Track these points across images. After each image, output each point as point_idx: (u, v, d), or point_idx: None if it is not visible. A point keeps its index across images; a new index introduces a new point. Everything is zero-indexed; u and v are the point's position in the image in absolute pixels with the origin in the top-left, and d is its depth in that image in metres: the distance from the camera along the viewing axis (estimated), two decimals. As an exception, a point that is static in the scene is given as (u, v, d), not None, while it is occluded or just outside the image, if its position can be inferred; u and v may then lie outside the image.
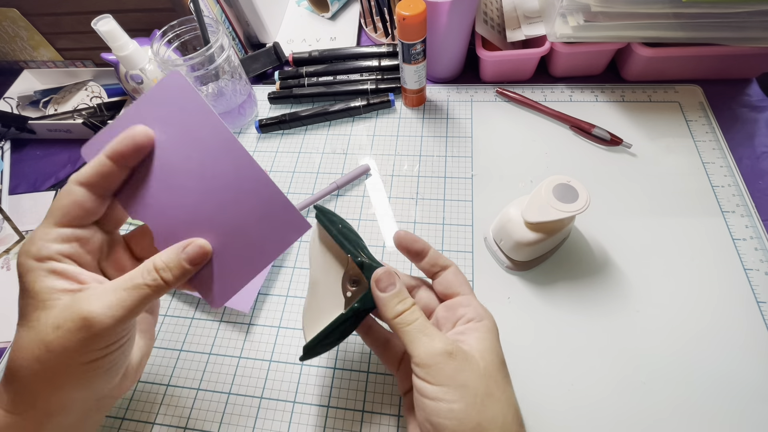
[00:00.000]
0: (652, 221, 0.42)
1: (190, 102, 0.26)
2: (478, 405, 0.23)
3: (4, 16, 0.59)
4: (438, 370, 0.24)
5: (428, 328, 0.25)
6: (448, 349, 0.24)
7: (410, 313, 0.26)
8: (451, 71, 0.56)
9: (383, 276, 0.27)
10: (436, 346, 0.24)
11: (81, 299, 0.23)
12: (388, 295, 0.27)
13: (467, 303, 0.28)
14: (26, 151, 0.61)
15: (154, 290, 0.24)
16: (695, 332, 0.36)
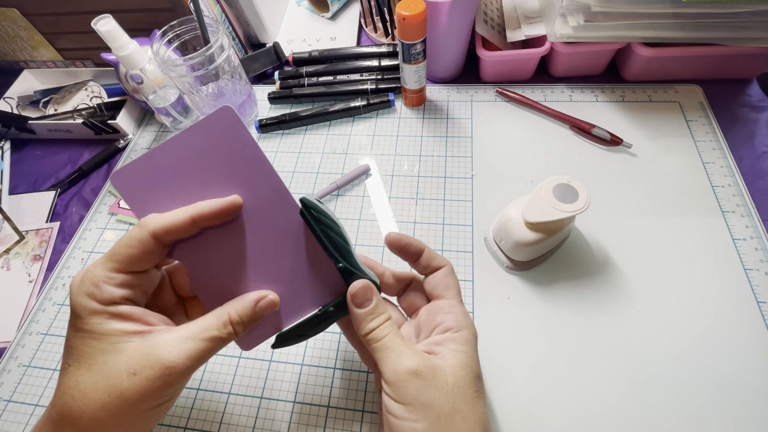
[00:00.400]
0: (653, 221, 0.42)
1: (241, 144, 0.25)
2: (441, 424, 0.23)
3: (4, 16, 0.59)
4: (403, 388, 0.23)
5: (397, 345, 0.25)
6: (413, 368, 0.24)
7: (381, 330, 0.26)
8: (451, 71, 0.56)
9: (359, 291, 0.27)
10: (403, 363, 0.24)
11: (157, 346, 0.23)
12: (361, 311, 0.26)
13: (449, 309, 0.28)
14: (26, 151, 0.61)
15: (226, 342, 0.25)
16: (695, 332, 0.36)
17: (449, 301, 0.28)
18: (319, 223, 0.27)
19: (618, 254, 0.40)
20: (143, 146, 0.58)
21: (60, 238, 0.51)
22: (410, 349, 0.25)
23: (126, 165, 0.25)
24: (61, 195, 0.55)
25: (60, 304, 0.45)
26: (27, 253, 0.51)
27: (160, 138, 0.58)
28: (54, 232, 0.52)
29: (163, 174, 0.25)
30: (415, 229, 0.45)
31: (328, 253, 0.27)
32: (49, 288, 0.47)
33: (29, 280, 0.48)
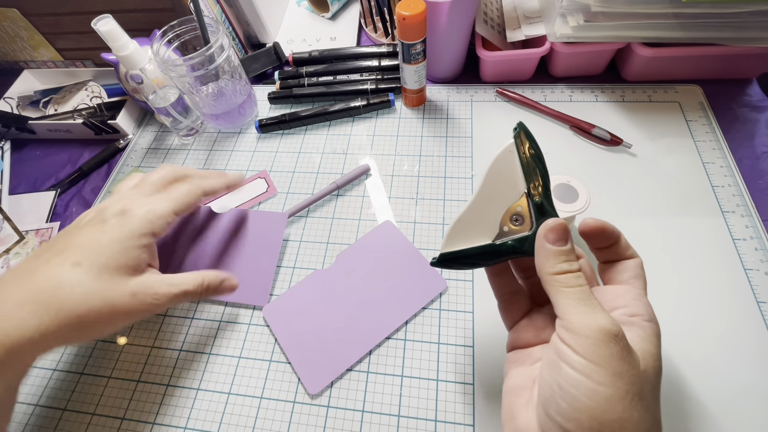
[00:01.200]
0: (652, 221, 0.42)
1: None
2: (627, 401, 0.20)
3: (4, 16, 0.59)
4: (595, 346, 0.21)
5: (592, 300, 0.22)
6: (613, 330, 0.21)
7: (575, 277, 0.23)
8: (451, 71, 0.56)
9: (558, 227, 0.24)
10: (598, 320, 0.21)
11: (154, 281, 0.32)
12: (556, 248, 0.24)
13: (638, 297, 0.25)
14: (26, 151, 0.61)
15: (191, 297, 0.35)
16: (695, 332, 0.36)
17: (637, 291, 0.25)
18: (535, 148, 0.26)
19: (618, 254, 0.40)
20: (143, 146, 0.58)
21: (60, 238, 0.51)
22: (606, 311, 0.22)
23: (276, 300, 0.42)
24: (61, 195, 0.55)
25: (60, 304, 0.45)
26: (27, 253, 0.51)
27: (160, 138, 0.58)
28: (54, 232, 0.52)
29: None
30: (415, 229, 0.45)
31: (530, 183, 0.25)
32: (49, 288, 0.47)
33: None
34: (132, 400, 0.38)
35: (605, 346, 0.20)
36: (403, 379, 0.37)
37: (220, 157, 0.54)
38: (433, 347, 0.38)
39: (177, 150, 0.56)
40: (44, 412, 0.39)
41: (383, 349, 0.38)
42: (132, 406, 0.38)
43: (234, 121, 0.55)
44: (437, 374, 0.37)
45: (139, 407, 0.38)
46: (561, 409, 0.21)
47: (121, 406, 0.38)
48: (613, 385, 0.20)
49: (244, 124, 0.57)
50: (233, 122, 0.55)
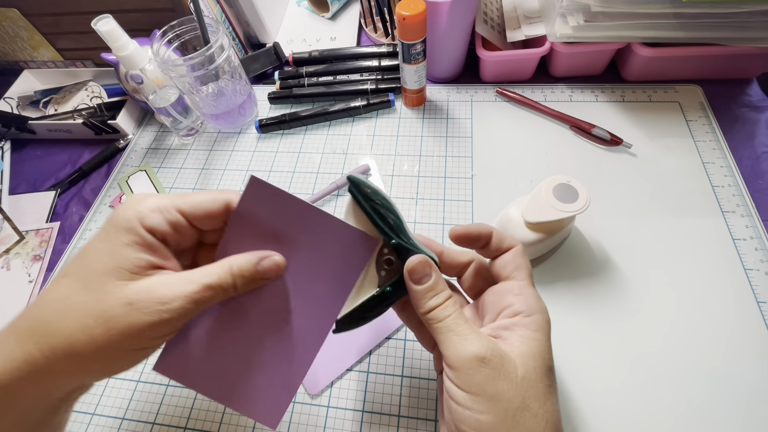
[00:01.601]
0: (653, 221, 0.42)
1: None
2: (509, 420, 0.21)
3: (4, 16, 0.59)
4: (468, 376, 0.22)
5: (460, 326, 0.23)
6: (480, 354, 0.22)
7: (442, 309, 0.24)
8: (451, 71, 0.56)
9: (417, 266, 0.25)
10: (467, 348, 0.22)
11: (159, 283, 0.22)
12: (420, 288, 0.25)
13: (519, 291, 0.25)
14: (26, 151, 0.61)
15: (224, 293, 0.24)
16: (695, 332, 0.36)
17: (519, 283, 0.26)
18: (369, 200, 0.26)
19: (618, 254, 0.40)
20: (143, 146, 0.58)
21: (60, 238, 0.51)
22: (475, 333, 0.23)
23: None
24: (61, 195, 0.55)
25: (60, 304, 0.45)
26: (27, 253, 0.51)
27: (160, 138, 0.58)
28: (54, 232, 0.52)
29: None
30: (415, 229, 0.45)
31: (380, 230, 0.26)
32: (49, 288, 0.47)
33: (29, 280, 0.48)
34: (132, 400, 0.38)
35: (476, 372, 0.21)
36: (403, 379, 0.37)
37: (220, 157, 0.54)
38: (433, 347, 0.38)
39: (177, 150, 0.56)
40: (44, 412, 0.39)
41: (383, 349, 0.38)
42: (132, 406, 0.38)
43: (234, 121, 0.55)
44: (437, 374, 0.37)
45: (139, 407, 0.38)
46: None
47: (122, 406, 0.38)
48: (491, 411, 0.21)
49: (244, 124, 0.57)
50: (233, 122, 0.55)
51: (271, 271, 0.25)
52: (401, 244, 0.26)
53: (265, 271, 0.25)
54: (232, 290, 0.24)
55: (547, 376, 0.23)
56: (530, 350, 0.23)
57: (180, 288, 0.23)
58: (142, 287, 0.22)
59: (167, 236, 0.24)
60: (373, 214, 0.26)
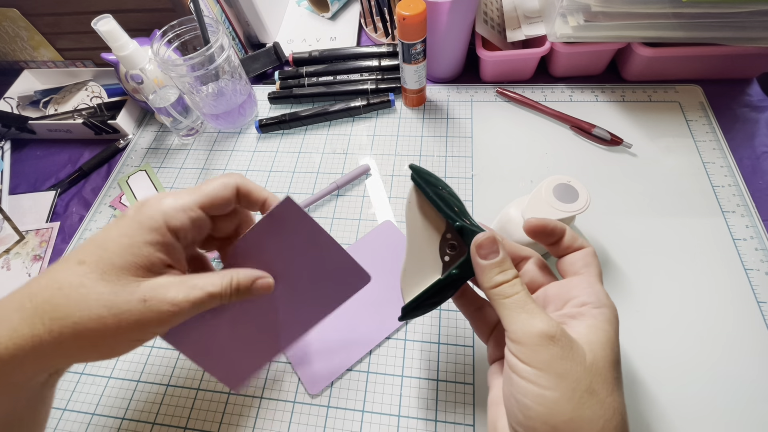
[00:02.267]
0: (653, 221, 0.42)
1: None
2: (575, 400, 0.20)
3: (4, 16, 0.59)
4: (534, 352, 0.21)
5: (529, 305, 0.23)
6: (550, 332, 0.21)
7: (510, 286, 0.23)
8: (451, 71, 0.56)
9: (485, 242, 0.25)
10: (535, 325, 0.22)
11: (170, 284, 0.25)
12: (488, 263, 0.24)
13: (586, 284, 0.25)
14: (26, 151, 0.61)
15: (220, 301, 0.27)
16: (695, 332, 0.36)
17: (588, 278, 0.25)
18: (431, 186, 0.27)
19: (618, 254, 0.40)
20: (143, 146, 0.58)
21: (60, 238, 0.51)
22: (543, 312, 0.22)
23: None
24: (61, 195, 0.55)
25: (60, 304, 0.45)
26: (27, 253, 0.51)
27: (160, 138, 0.58)
28: (54, 232, 0.52)
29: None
30: (415, 229, 0.45)
31: (444, 214, 0.27)
32: (49, 288, 0.47)
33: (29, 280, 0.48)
34: (132, 401, 0.38)
35: (544, 349, 0.21)
36: (403, 379, 0.37)
37: (220, 157, 0.54)
38: (433, 347, 0.38)
39: (177, 150, 0.56)
40: (44, 412, 0.39)
41: (383, 349, 0.38)
42: (132, 406, 0.38)
43: (234, 121, 0.55)
44: (437, 374, 0.37)
45: (139, 407, 0.38)
46: (519, 419, 0.22)
47: (122, 406, 0.38)
48: (558, 388, 0.20)
49: (244, 124, 0.57)
50: (233, 122, 0.55)
51: (261, 289, 0.28)
52: (465, 226, 0.26)
53: (257, 290, 0.28)
54: (227, 299, 0.27)
55: (614, 368, 0.22)
56: (599, 339, 0.22)
57: (187, 292, 0.25)
58: (156, 286, 0.24)
59: (187, 233, 0.27)
60: (437, 200, 0.27)
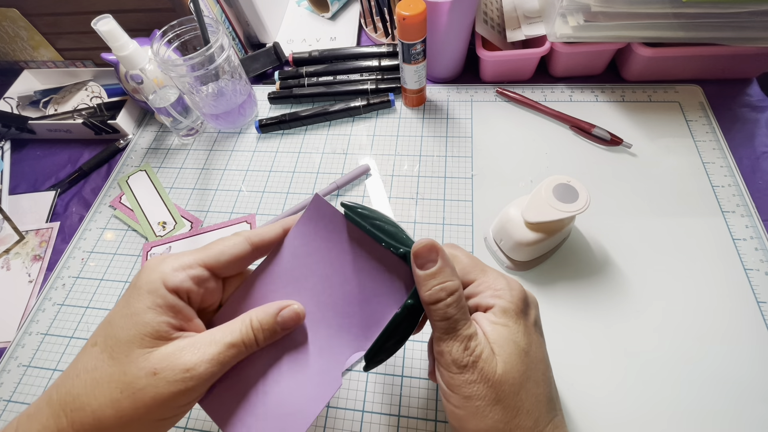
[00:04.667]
0: (653, 221, 0.42)
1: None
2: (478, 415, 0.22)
3: (4, 16, 0.59)
4: (449, 376, 0.23)
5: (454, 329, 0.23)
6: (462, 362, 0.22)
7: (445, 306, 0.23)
8: (451, 71, 0.56)
9: (421, 250, 0.23)
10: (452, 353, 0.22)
11: (182, 348, 0.22)
12: (425, 272, 0.23)
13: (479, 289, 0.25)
14: (26, 151, 0.61)
15: (247, 349, 0.24)
16: (695, 332, 0.36)
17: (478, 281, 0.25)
18: (366, 219, 0.26)
19: (618, 254, 0.40)
20: (143, 146, 0.58)
21: (60, 238, 0.51)
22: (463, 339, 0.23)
23: None
24: (61, 195, 0.55)
25: (60, 304, 0.45)
26: (27, 253, 0.51)
27: (160, 138, 0.58)
28: (54, 232, 0.52)
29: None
30: (415, 229, 0.45)
31: (385, 244, 0.25)
32: (49, 288, 0.47)
33: (29, 280, 0.48)
34: (132, 400, 0.38)
35: (456, 375, 0.23)
36: (403, 379, 0.37)
37: (220, 157, 0.54)
38: (433, 347, 0.38)
39: (177, 150, 0.56)
40: (44, 412, 0.39)
41: (383, 349, 0.38)
42: (132, 406, 0.38)
43: (234, 121, 0.55)
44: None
45: (139, 407, 0.38)
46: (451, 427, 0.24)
47: (121, 406, 0.38)
48: (464, 407, 0.22)
49: (244, 124, 0.57)
50: (233, 122, 0.55)
51: (291, 321, 0.25)
52: (408, 251, 0.25)
53: (285, 322, 0.25)
54: (254, 345, 0.24)
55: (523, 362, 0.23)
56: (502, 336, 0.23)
57: (203, 351, 0.22)
58: (166, 355, 0.22)
59: (192, 294, 0.24)
60: (375, 231, 0.25)
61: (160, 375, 0.21)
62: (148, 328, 0.22)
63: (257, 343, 0.24)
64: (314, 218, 0.26)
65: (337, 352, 0.26)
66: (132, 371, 0.21)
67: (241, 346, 0.23)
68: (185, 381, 0.21)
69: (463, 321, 0.23)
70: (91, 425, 0.21)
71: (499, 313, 0.23)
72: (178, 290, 0.24)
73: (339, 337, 0.26)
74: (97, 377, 0.21)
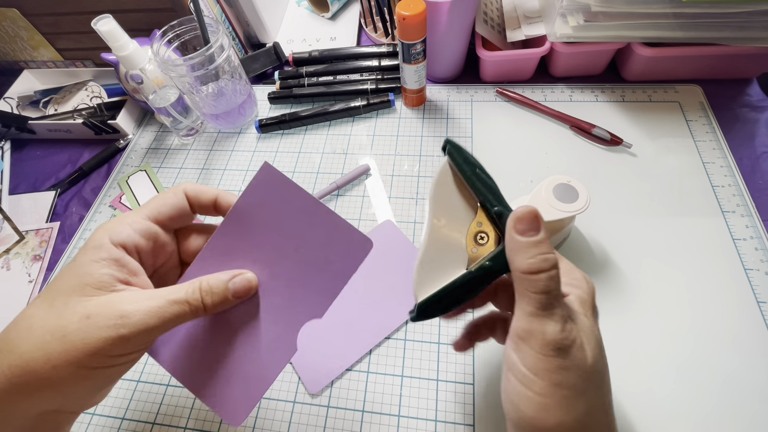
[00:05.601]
0: (653, 221, 0.42)
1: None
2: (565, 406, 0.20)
3: (4, 16, 0.59)
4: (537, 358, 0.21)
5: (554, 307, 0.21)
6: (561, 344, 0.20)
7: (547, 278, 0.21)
8: (451, 71, 0.56)
9: (526, 215, 0.21)
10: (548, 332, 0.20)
11: (122, 298, 0.22)
12: (526, 240, 0.21)
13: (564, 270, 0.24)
14: (26, 151, 0.61)
15: (192, 311, 0.23)
16: (695, 332, 0.36)
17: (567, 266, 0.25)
18: (470, 165, 0.24)
19: (618, 254, 0.40)
20: (143, 146, 0.58)
21: (60, 238, 0.51)
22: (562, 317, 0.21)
23: None
24: (61, 195, 0.55)
25: (60, 304, 0.45)
26: (27, 253, 0.51)
27: (160, 138, 0.58)
28: (54, 232, 0.52)
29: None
30: (415, 229, 0.45)
31: (482, 196, 0.23)
32: (49, 288, 0.47)
33: (29, 280, 0.48)
34: (132, 400, 0.38)
35: (548, 358, 0.20)
36: (403, 379, 0.37)
37: (220, 157, 0.54)
38: (433, 347, 0.38)
39: (177, 150, 0.56)
40: (44, 412, 0.39)
41: (383, 349, 0.38)
42: (132, 406, 0.38)
43: (234, 121, 0.55)
44: (437, 374, 0.37)
45: (139, 407, 0.38)
46: (510, 416, 0.22)
47: (122, 407, 0.38)
48: (552, 395, 0.20)
49: (244, 124, 0.57)
50: (233, 122, 0.55)
51: (243, 289, 0.25)
52: (503, 211, 0.23)
53: (237, 290, 0.25)
54: (201, 308, 0.24)
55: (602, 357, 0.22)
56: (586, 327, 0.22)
57: (143, 303, 0.22)
58: (103, 302, 0.22)
59: (141, 249, 0.25)
60: (475, 179, 0.23)
61: (92, 320, 0.21)
62: (89, 278, 0.22)
63: (205, 307, 0.24)
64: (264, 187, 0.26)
65: (292, 320, 0.26)
66: (66, 315, 0.21)
67: (184, 305, 0.23)
68: (117, 327, 0.21)
69: (561, 298, 0.21)
70: (20, 367, 0.21)
71: (577, 303, 0.23)
72: (125, 245, 0.24)
73: (292, 307, 0.26)
74: (32, 323, 0.21)
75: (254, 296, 0.26)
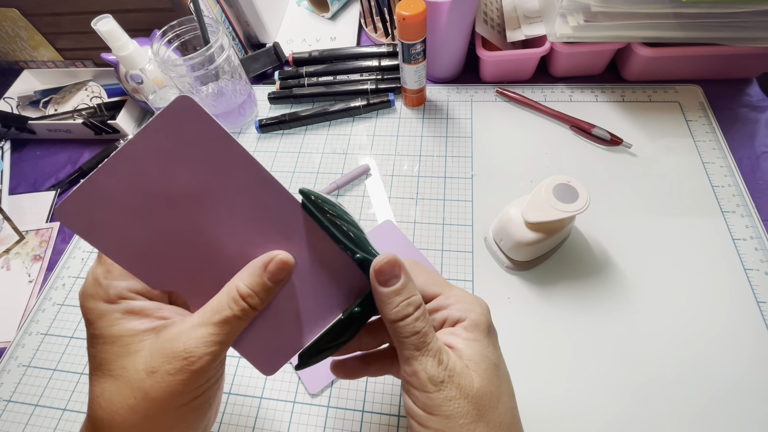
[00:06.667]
0: (652, 221, 0.42)
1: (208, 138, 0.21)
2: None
3: (4, 16, 0.59)
4: (425, 396, 0.22)
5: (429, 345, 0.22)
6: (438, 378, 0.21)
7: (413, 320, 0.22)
8: (451, 71, 0.56)
9: (384, 266, 0.22)
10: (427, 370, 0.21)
11: (171, 339, 0.21)
12: (389, 290, 0.22)
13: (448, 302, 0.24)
14: (26, 151, 0.61)
15: (244, 320, 0.22)
16: (695, 332, 0.36)
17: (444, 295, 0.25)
18: (325, 213, 0.23)
19: (618, 254, 0.40)
20: (143, 146, 0.58)
21: (60, 238, 0.51)
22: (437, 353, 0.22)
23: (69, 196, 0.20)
24: (61, 195, 0.55)
25: (60, 304, 0.45)
26: (27, 253, 0.51)
27: (160, 138, 0.58)
28: (54, 232, 0.52)
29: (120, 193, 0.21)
30: (415, 229, 0.45)
31: (342, 245, 0.23)
32: (49, 288, 0.47)
33: (29, 280, 0.48)
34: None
35: (434, 394, 0.21)
36: (403, 379, 0.37)
37: (220, 157, 0.54)
38: (433, 347, 0.38)
39: (177, 150, 0.56)
40: (44, 412, 0.39)
41: (383, 349, 0.38)
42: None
43: (234, 121, 0.55)
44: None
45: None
46: None
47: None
48: (447, 428, 0.21)
49: (244, 124, 0.57)
50: (233, 122, 0.55)
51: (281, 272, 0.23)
52: (366, 257, 0.23)
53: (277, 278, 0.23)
54: (251, 311, 0.22)
55: (495, 375, 0.23)
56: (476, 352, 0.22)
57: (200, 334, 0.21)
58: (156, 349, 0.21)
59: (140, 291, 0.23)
60: (331, 228, 0.23)
61: (159, 371, 0.21)
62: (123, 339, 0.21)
63: (254, 308, 0.22)
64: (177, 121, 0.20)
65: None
66: (133, 377, 0.21)
67: (233, 320, 0.22)
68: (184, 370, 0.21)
69: (431, 334, 0.22)
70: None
71: (471, 327, 0.23)
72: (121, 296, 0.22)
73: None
74: (107, 398, 0.21)
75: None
